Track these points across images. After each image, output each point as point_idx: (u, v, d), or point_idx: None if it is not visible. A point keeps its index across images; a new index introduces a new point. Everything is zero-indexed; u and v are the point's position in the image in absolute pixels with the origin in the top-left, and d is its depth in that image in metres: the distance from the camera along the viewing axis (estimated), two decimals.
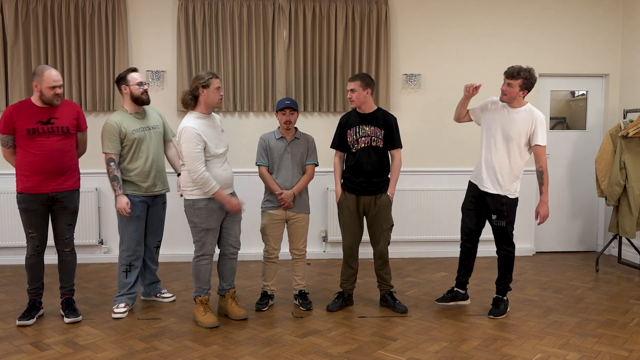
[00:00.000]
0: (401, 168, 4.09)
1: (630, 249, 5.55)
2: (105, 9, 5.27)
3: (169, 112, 5.41)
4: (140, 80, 3.93)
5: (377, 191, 3.99)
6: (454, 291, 4.14)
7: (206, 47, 5.38)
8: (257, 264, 5.29)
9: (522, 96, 3.76)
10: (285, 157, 4.01)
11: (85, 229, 5.41)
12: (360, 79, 3.92)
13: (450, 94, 5.62)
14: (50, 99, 3.60)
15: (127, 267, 3.94)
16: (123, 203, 3.82)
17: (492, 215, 3.89)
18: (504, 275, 3.96)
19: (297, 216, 4.06)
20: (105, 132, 3.84)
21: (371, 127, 3.96)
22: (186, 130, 3.55)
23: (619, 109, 5.81)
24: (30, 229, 3.71)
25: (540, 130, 3.72)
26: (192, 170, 3.53)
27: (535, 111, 3.76)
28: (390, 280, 4.12)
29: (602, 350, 3.35)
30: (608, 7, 5.79)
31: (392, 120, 4.01)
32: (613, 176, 5.15)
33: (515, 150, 3.77)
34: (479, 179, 3.91)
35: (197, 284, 3.80)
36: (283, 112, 3.96)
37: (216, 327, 3.71)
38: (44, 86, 3.56)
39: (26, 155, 3.61)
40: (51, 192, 3.68)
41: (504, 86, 3.76)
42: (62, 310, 3.89)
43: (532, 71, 3.71)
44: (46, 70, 3.57)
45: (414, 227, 5.74)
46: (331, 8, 5.43)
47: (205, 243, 3.72)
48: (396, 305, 4.06)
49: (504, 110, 3.83)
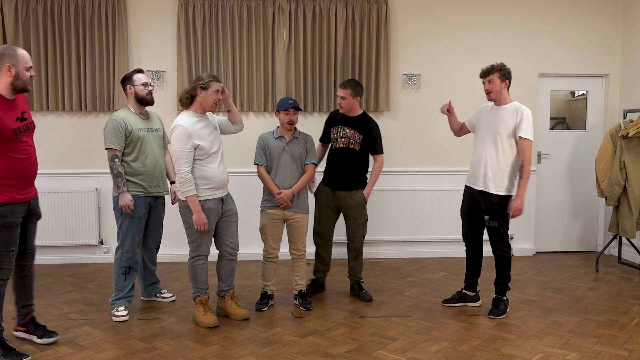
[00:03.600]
0: (381, 171, 4.30)
1: (630, 249, 5.55)
2: (105, 9, 5.27)
3: (169, 112, 5.41)
4: (145, 81, 3.96)
5: (352, 188, 4.21)
6: (462, 293, 4.17)
7: (206, 47, 5.38)
8: (256, 264, 5.29)
9: (505, 88, 3.83)
10: (284, 156, 4.00)
11: (85, 229, 5.41)
12: (351, 88, 4.15)
13: (450, 94, 5.62)
14: (27, 84, 3.07)
15: (126, 269, 3.90)
16: (127, 200, 3.79)
17: (484, 215, 3.90)
18: (502, 275, 3.97)
19: (296, 216, 4.06)
20: (111, 127, 3.82)
21: (351, 130, 4.19)
22: (178, 128, 3.57)
23: (619, 109, 5.81)
24: (12, 247, 3.11)
25: (525, 123, 3.74)
26: (177, 168, 3.57)
27: (521, 106, 3.81)
28: (360, 273, 4.38)
29: (602, 350, 3.35)
30: (608, 7, 5.79)
31: (374, 126, 4.23)
32: (613, 176, 5.15)
33: (504, 145, 3.79)
34: (471, 178, 3.97)
35: (195, 285, 3.80)
36: (286, 112, 3.96)
37: (216, 326, 3.71)
38: (21, 67, 3.03)
39: (9, 160, 3.02)
40: (31, 199, 3.23)
41: (485, 86, 3.85)
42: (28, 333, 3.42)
43: (503, 64, 3.84)
44: (18, 49, 3.05)
45: (414, 227, 5.74)
46: (331, 8, 5.43)
47: (201, 244, 3.73)
48: (361, 294, 4.31)
49: (492, 110, 3.91)
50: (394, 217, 5.71)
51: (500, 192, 3.82)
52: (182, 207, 3.71)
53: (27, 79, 3.07)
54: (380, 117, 5.63)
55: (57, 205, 5.34)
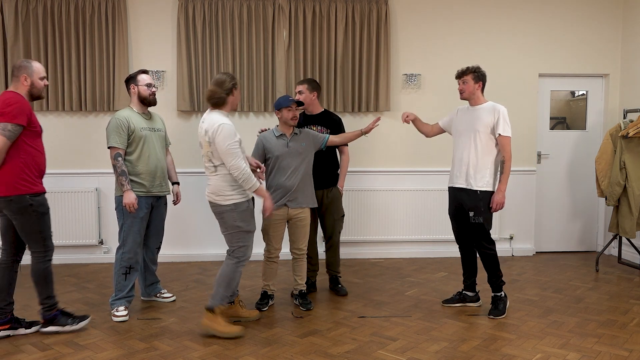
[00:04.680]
0: (349, 163, 4.53)
1: (630, 249, 5.55)
2: (105, 9, 5.27)
3: (169, 112, 5.42)
4: (149, 82, 3.99)
5: (327, 185, 4.34)
6: (462, 294, 4.19)
7: (206, 47, 5.38)
8: (257, 264, 5.29)
9: (478, 89, 3.96)
10: (287, 154, 3.99)
11: (85, 229, 5.41)
12: (307, 83, 4.32)
13: (450, 94, 5.63)
14: (41, 91, 3.49)
15: (127, 269, 3.89)
16: (132, 198, 3.78)
17: (469, 212, 3.92)
18: (493, 272, 3.98)
19: (300, 215, 4.04)
20: (113, 126, 3.82)
21: (318, 127, 4.33)
22: (224, 127, 3.40)
23: (619, 109, 5.81)
24: (51, 230, 3.57)
25: (502, 122, 3.85)
26: (234, 166, 3.39)
27: (497, 105, 3.92)
28: (337, 267, 4.50)
29: (602, 350, 3.35)
30: (608, 7, 5.79)
31: (338, 120, 4.41)
32: (613, 176, 5.15)
33: (482, 143, 3.88)
34: (453, 178, 4.04)
35: (226, 292, 3.57)
36: (289, 108, 3.96)
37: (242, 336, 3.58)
38: (36, 77, 3.44)
39: (37, 154, 3.44)
40: None
41: (459, 86, 3.99)
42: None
43: (479, 66, 3.97)
44: (33, 62, 3.48)
45: (414, 227, 5.74)
46: (331, 8, 5.43)
47: (249, 247, 3.61)
48: (338, 289, 4.46)
49: (469, 111, 4.01)
50: (393, 217, 5.71)
51: (483, 188, 3.88)
52: (226, 212, 3.50)
53: (41, 87, 3.48)
54: (380, 117, 5.62)
55: (57, 205, 5.34)
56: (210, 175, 3.53)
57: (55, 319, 3.58)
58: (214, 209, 3.57)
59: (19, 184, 3.35)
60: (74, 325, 3.59)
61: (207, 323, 3.54)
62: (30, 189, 3.39)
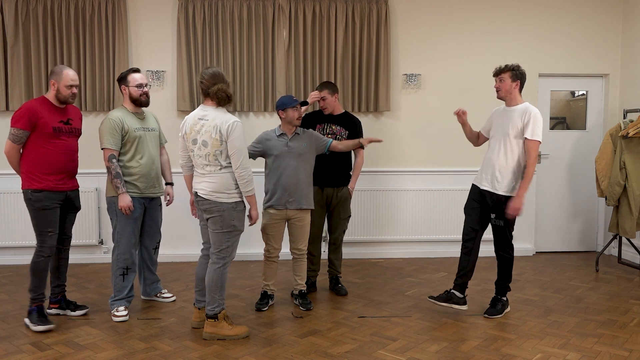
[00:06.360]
0: (362, 166, 4.48)
1: (630, 249, 5.55)
2: (105, 9, 5.27)
3: (169, 112, 5.42)
4: (140, 82, 3.91)
5: (339, 184, 4.36)
6: (450, 293, 4.01)
7: (206, 47, 5.38)
8: (257, 264, 5.29)
9: (516, 89, 3.81)
10: (287, 154, 3.98)
11: (85, 229, 5.41)
12: (327, 87, 4.37)
13: (450, 94, 5.63)
14: (66, 97, 3.67)
15: (123, 270, 3.88)
16: (127, 201, 3.77)
17: (491, 214, 3.89)
18: (503, 276, 3.95)
19: (299, 215, 4.04)
20: (107, 127, 3.78)
21: (337, 127, 4.39)
22: (239, 125, 3.38)
23: (619, 109, 5.81)
24: (50, 228, 3.66)
25: (532, 124, 3.70)
26: (243, 165, 3.36)
27: (530, 107, 3.78)
28: (339, 267, 4.53)
29: (602, 350, 3.35)
30: (608, 8, 5.79)
31: (357, 122, 4.47)
32: (613, 176, 5.15)
33: (512, 146, 3.77)
34: (479, 178, 3.94)
35: (222, 295, 3.50)
36: (295, 108, 3.97)
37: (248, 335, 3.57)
38: (62, 84, 3.64)
39: (46, 153, 3.62)
40: (68, 190, 3.76)
41: (496, 84, 3.86)
42: (61, 309, 3.94)
43: (518, 65, 3.84)
44: (65, 69, 3.67)
45: (414, 227, 5.74)
46: (331, 8, 5.43)
47: (235, 248, 3.56)
48: (338, 289, 4.48)
49: (504, 112, 3.90)
50: (393, 217, 5.71)
51: (508, 193, 3.79)
52: (226, 211, 3.42)
53: (66, 93, 3.67)
54: (380, 117, 5.64)
55: None
56: (212, 174, 3.42)
57: (30, 314, 3.69)
58: (212, 207, 3.41)
59: (26, 180, 3.65)
60: (37, 326, 3.61)
61: (212, 331, 3.49)
62: (32, 184, 3.62)
